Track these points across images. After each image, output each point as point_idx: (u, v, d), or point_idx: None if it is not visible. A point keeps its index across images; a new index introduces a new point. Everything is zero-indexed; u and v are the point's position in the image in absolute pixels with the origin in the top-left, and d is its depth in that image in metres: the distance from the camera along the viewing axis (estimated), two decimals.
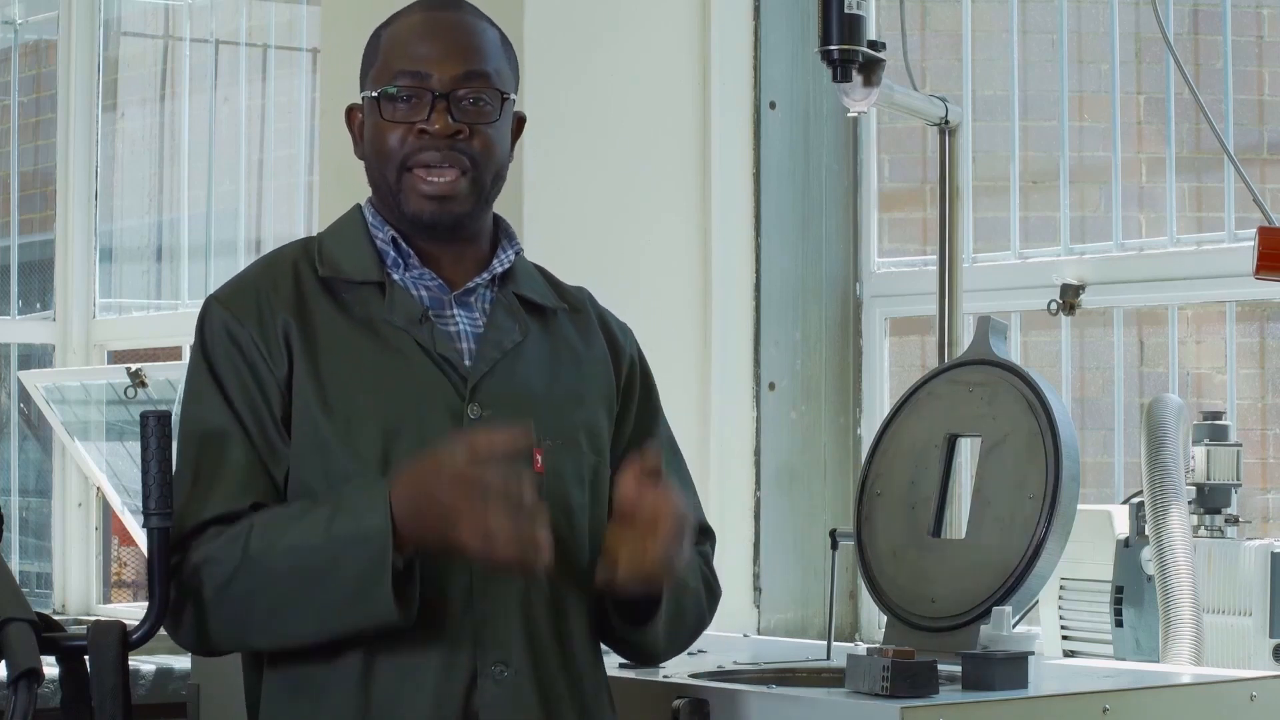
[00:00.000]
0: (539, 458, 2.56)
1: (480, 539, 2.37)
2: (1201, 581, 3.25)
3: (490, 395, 2.57)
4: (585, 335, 2.71)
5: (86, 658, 2.49)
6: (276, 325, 2.56)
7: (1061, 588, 3.49)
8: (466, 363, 2.58)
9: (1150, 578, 3.34)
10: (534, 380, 2.61)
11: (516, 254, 2.68)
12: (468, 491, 2.37)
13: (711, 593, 2.71)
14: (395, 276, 2.61)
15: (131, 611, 5.56)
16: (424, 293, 2.61)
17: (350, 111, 2.68)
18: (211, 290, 2.67)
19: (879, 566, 3.13)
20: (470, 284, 2.63)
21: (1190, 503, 3.37)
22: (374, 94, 2.61)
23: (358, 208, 2.69)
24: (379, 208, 2.65)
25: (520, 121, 2.70)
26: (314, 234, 2.72)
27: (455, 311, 2.62)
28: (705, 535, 2.75)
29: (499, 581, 2.51)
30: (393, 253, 2.62)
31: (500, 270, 2.65)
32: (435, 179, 2.58)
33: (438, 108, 2.58)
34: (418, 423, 2.54)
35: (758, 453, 4.35)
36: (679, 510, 2.51)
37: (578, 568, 2.58)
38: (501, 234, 2.69)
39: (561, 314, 2.70)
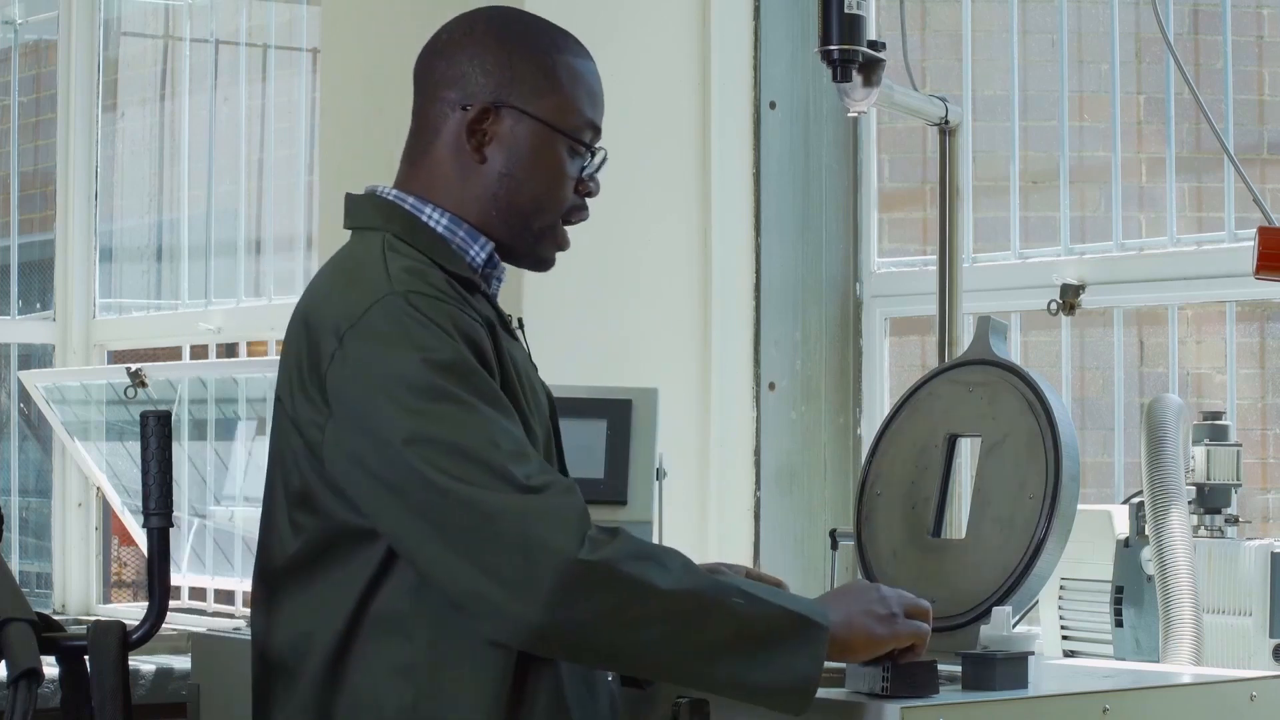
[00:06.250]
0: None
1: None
2: (1201, 581, 3.25)
3: (554, 401, 2.67)
4: None
5: (86, 658, 2.49)
6: (481, 328, 2.52)
7: (1061, 588, 3.49)
8: None
9: (1150, 578, 3.33)
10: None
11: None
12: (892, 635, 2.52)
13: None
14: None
15: (131, 611, 5.56)
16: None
17: (483, 115, 2.60)
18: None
19: (879, 566, 3.13)
20: (491, 291, 2.66)
21: (1190, 503, 3.36)
22: (575, 139, 2.62)
23: (397, 205, 2.62)
24: (474, 217, 2.61)
25: None
26: (385, 236, 2.60)
27: None
28: None
29: None
30: (483, 262, 2.61)
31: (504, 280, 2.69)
32: (565, 239, 2.65)
33: (599, 170, 2.66)
34: (545, 427, 2.60)
35: (758, 453, 4.35)
36: None
37: None
38: None
39: None
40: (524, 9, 2.70)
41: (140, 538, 5.44)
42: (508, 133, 2.60)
